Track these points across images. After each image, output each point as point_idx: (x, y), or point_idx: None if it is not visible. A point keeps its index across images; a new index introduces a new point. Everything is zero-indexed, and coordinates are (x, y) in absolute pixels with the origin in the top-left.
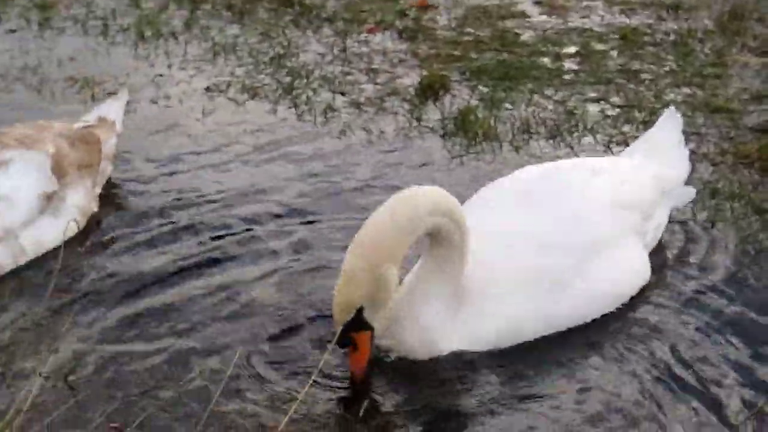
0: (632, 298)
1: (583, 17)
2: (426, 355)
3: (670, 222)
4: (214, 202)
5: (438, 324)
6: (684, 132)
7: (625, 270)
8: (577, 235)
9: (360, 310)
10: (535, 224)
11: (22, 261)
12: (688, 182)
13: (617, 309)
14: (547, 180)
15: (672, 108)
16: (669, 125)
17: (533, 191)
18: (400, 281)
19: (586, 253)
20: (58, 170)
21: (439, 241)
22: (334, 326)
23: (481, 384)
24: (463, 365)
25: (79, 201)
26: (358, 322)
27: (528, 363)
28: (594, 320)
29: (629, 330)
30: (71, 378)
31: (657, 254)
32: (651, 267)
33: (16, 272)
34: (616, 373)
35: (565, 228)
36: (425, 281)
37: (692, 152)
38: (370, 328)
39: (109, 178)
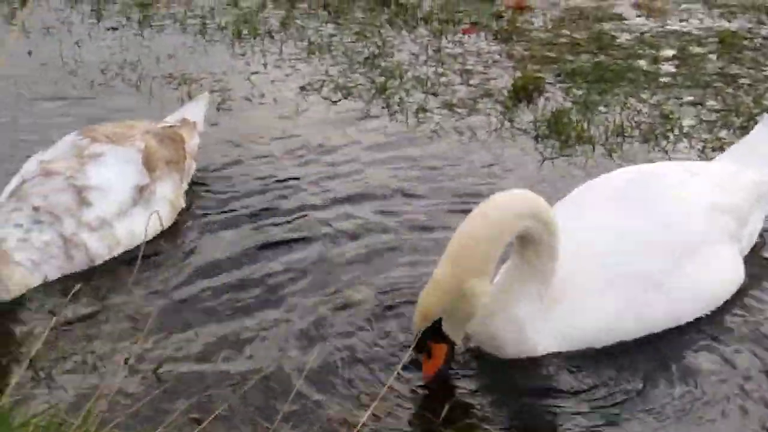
0: (725, 302)
1: (682, 20)
2: (518, 354)
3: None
4: (301, 193)
5: (531, 324)
6: None
7: (721, 273)
8: (674, 236)
9: (438, 321)
10: (632, 225)
11: (117, 252)
12: None
13: (710, 312)
14: (644, 181)
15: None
16: (766, 131)
17: (629, 192)
18: None
19: (683, 255)
20: (148, 165)
21: (528, 244)
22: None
23: (571, 386)
24: (553, 367)
25: (169, 194)
26: (436, 333)
27: (620, 365)
28: (688, 323)
29: (724, 333)
30: (156, 367)
31: (749, 259)
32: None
33: (107, 262)
34: (714, 376)
35: (662, 229)
36: (517, 281)
37: None
38: (450, 342)
39: (192, 177)
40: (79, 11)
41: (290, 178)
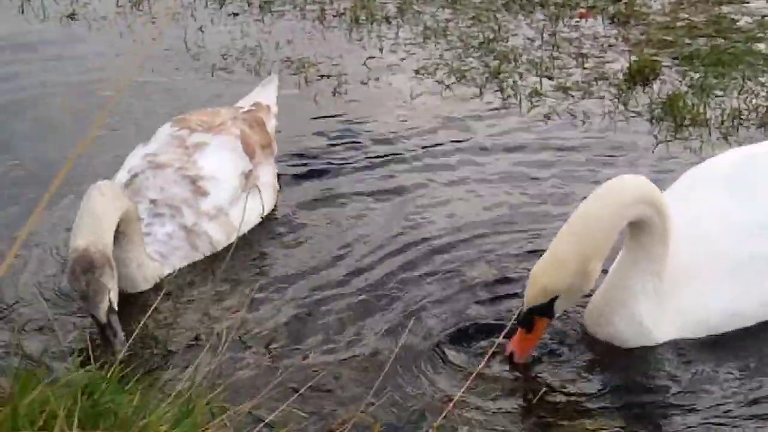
0: None
1: None
2: (638, 344)
3: None
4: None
5: (650, 317)
6: None
7: None
8: None
9: (555, 298)
10: (746, 206)
11: (233, 238)
12: None
13: None
14: (753, 163)
15: None
16: None
17: (739, 174)
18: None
19: None
20: (248, 150)
21: (641, 230)
22: (523, 305)
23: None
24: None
25: (270, 179)
26: (547, 308)
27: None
28: None
29: None
30: (253, 343)
31: None
32: None
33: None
34: None
35: None
36: (632, 273)
37: None
38: (551, 316)
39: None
40: None
41: (399, 160)
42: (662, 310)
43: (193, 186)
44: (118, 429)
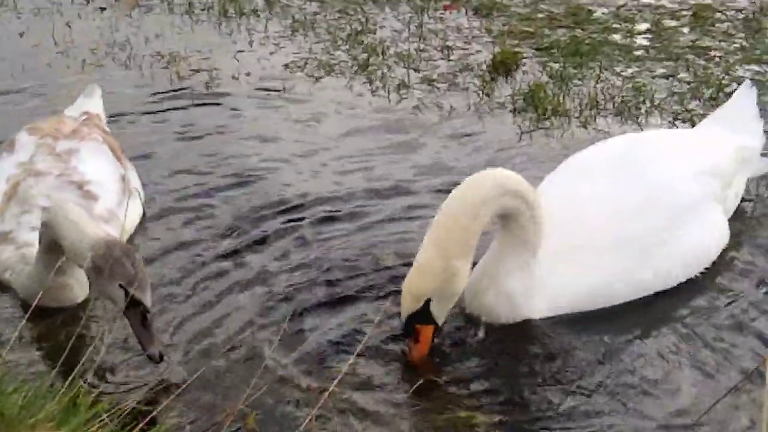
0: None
1: None
2: (513, 320)
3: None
4: (286, 167)
5: (523, 294)
6: None
7: (710, 235)
8: (664, 200)
9: (427, 302)
10: (623, 190)
11: (125, 239)
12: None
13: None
14: (633, 149)
15: (748, 81)
16: (745, 98)
17: (620, 159)
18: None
19: (673, 218)
20: (116, 155)
21: (511, 220)
22: (401, 315)
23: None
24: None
25: (137, 182)
26: (424, 314)
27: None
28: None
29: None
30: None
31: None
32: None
33: None
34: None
35: (652, 193)
36: (504, 255)
37: None
38: (435, 323)
39: None
40: None
41: (273, 154)
42: (535, 286)
43: (81, 191)
44: (5, 428)
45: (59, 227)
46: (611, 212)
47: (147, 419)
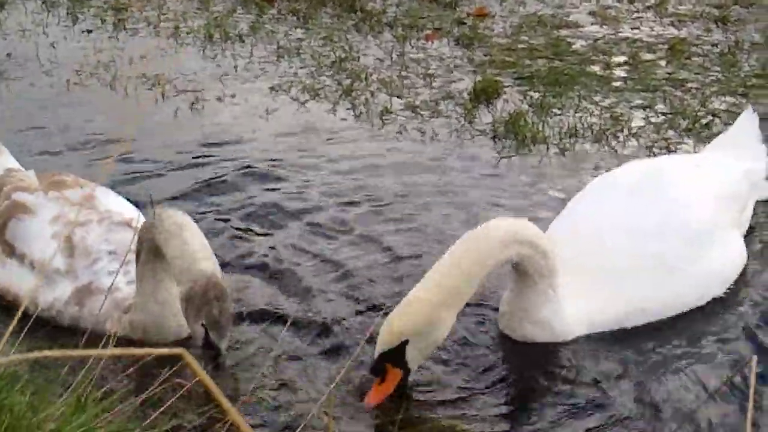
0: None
1: (634, 28)
2: (551, 340)
3: None
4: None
5: (555, 316)
6: None
7: (731, 256)
8: (688, 223)
9: (404, 343)
10: (650, 214)
11: None
12: None
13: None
14: (654, 174)
15: (750, 107)
16: (747, 123)
17: (644, 184)
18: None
19: (698, 241)
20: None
21: (523, 264)
22: (375, 350)
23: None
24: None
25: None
26: (398, 355)
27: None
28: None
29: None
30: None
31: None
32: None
33: None
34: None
35: (677, 217)
36: (525, 291)
37: None
38: (406, 369)
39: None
40: (55, 14)
41: (259, 175)
42: (564, 310)
43: (131, 227)
44: (13, 425)
45: (171, 240)
46: (638, 236)
47: (153, 417)
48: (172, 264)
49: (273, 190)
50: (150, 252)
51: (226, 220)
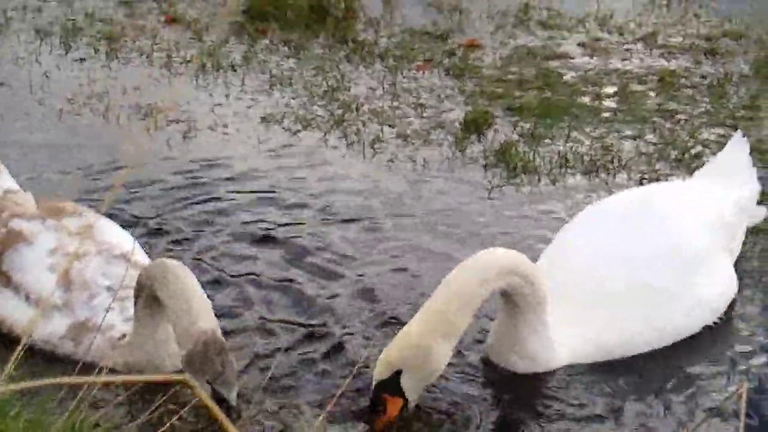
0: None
1: (624, 59)
2: (535, 371)
3: None
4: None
5: (542, 349)
6: None
7: (723, 284)
8: (679, 252)
9: (398, 373)
10: (640, 243)
11: None
12: None
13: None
14: (647, 202)
15: (739, 132)
16: (737, 149)
17: (634, 213)
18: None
19: (689, 269)
20: None
21: (513, 294)
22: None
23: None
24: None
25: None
26: (393, 385)
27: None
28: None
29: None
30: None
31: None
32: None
33: None
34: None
35: (668, 247)
36: (513, 322)
37: None
38: (405, 398)
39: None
40: (48, 43)
41: (250, 202)
42: (553, 340)
43: (130, 262)
44: None
45: (170, 293)
46: (625, 263)
47: None
48: (171, 322)
49: (262, 218)
50: (149, 298)
51: (219, 244)
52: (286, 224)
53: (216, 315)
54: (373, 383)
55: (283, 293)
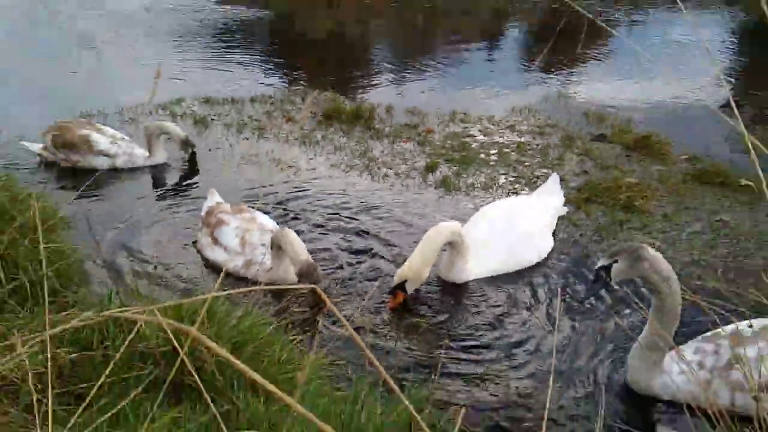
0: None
1: (501, 136)
2: (461, 281)
3: None
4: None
5: (463, 267)
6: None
7: (547, 242)
8: (530, 228)
9: (404, 281)
10: (510, 223)
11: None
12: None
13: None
14: (509, 207)
15: (554, 174)
16: (554, 180)
17: (507, 208)
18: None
19: (533, 235)
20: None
21: (453, 244)
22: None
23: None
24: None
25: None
26: (401, 287)
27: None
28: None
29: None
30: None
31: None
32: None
33: None
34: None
35: (524, 225)
36: (451, 258)
37: None
38: (405, 292)
39: None
40: (230, 132)
41: (325, 203)
42: (469, 263)
43: (269, 232)
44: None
45: (287, 245)
46: (503, 232)
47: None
48: (288, 255)
49: (331, 211)
50: (277, 248)
51: (311, 222)
52: (339, 213)
53: (309, 251)
54: (393, 284)
55: (342, 240)
